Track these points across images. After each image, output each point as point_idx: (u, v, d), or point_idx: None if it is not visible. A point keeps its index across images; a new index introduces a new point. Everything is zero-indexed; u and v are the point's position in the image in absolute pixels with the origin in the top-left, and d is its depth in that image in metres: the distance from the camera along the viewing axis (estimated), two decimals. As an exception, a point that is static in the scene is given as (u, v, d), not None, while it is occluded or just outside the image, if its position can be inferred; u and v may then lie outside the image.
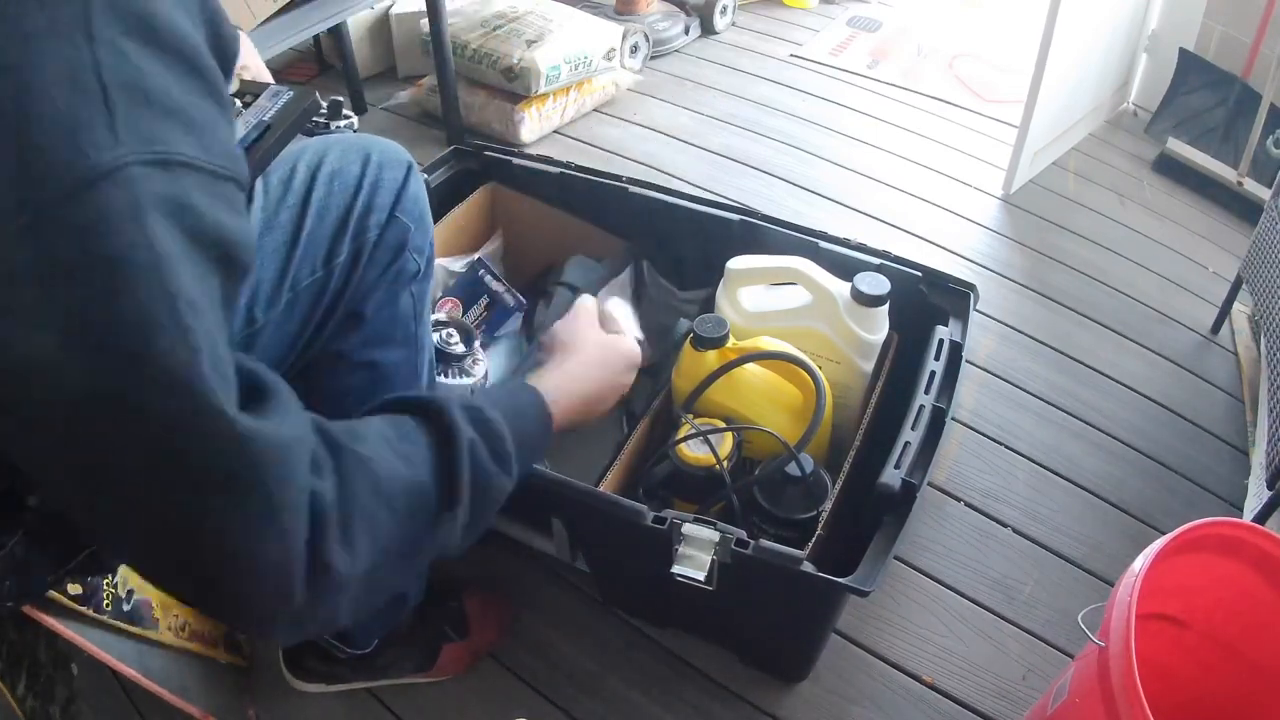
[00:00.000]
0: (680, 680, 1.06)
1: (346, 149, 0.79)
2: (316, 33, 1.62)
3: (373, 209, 0.78)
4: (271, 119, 0.74)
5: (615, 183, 1.26)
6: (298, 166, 0.76)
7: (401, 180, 0.80)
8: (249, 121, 0.73)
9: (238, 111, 0.75)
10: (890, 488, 0.85)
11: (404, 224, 0.80)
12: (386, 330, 0.82)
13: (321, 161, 0.77)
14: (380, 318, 0.81)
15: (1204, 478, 1.32)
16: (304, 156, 0.77)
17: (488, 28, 2.01)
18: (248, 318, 0.70)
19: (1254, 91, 1.85)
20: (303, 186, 0.75)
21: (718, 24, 2.54)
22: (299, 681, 1.02)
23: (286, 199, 0.74)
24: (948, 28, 2.66)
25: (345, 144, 0.80)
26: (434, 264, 0.87)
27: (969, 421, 1.38)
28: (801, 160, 1.99)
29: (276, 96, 0.76)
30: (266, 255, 0.72)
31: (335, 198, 0.76)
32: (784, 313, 1.10)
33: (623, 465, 1.02)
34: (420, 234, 0.82)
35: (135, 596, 0.85)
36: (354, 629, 0.98)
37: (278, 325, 0.73)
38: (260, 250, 0.71)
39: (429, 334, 0.88)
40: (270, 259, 0.72)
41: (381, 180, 0.79)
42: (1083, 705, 0.76)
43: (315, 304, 0.76)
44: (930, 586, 1.16)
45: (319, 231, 0.75)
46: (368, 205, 0.77)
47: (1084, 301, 1.62)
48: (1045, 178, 1.96)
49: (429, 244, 0.84)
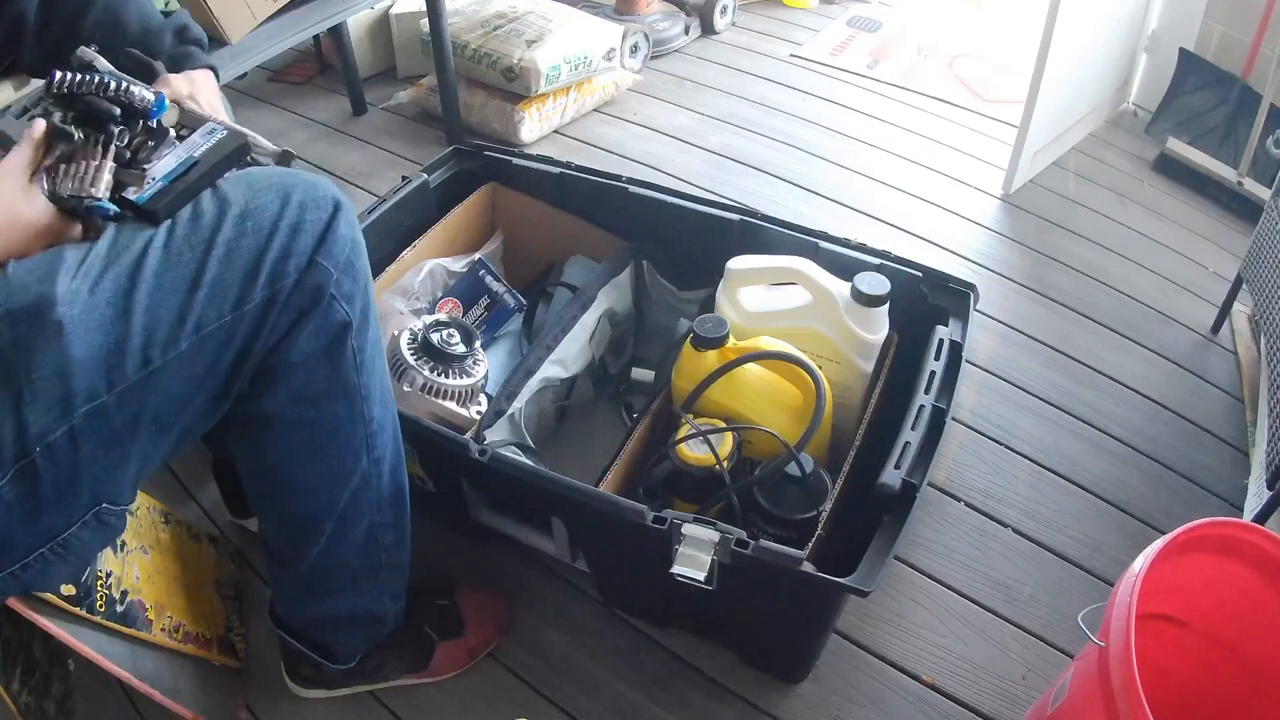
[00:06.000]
0: (680, 680, 1.06)
1: (263, 187, 0.74)
2: (316, 33, 1.62)
3: (291, 253, 0.72)
4: (200, 156, 0.74)
5: (615, 183, 1.26)
6: (204, 202, 0.72)
7: (326, 222, 0.75)
8: (179, 156, 0.74)
9: (171, 143, 0.75)
10: (890, 488, 0.85)
11: (325, 269, 0.74)
12: (319, 385, 0.78)
13: (231, 199, 0.72)
14: (309, 371, 0.77)
15: (1204, 478, 1.32)
16: (215, 192, 0.73)
17: (488, 28, 2.01)
18: (143, 358, 0.67)
19: (1254, 91, 1.85)
20: (210, 225, 0.70)
21: (718, 24, 2.54)
22: (299, 688, 1.02)
23: (192, 236, 0.70)
24: (948, 28, 2.66)
25: (264, 181, 0.74)
26: (373, 312, 0.81)
27: (969, 421, 1.38)
28: (801, 160, 1.99)
29: (210, 134, 0.76)
30: (164, 293, 0.67)
31: (247, 239, 0.71)
32: (784, 313, 1.10)
33: (623, 465, 1.02)
34: (350, 280, 0.76)
35: (129, 598, 0.85)
36: (334, 645, 0.98)
37: (179, 368, 0.69)
38: (158, 287, 0.67)
39: (379, 378, 0.83)
40: (168, 297, 0.68)
41: (303, 222, 0.73)
42: (1083, 705, 0.76)
43: (223, 350, 0.72)
44: (930, 586, 1.16)
45: (226, 274, 0.70)
46: (285, 249, 0.72)
47: (1084, 301, 1.62)
48: (1045, 178, 1.96)
49: (362, 291, 0.78)
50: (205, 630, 0.98)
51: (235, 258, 0.70)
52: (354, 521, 0.87)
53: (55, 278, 0.64)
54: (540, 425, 1.19)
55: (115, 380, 0.66)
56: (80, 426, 0.65)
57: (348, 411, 0.81)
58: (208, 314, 0.69)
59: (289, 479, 0.84)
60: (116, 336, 0.65)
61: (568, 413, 1.30)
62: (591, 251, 1.35)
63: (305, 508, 0.85)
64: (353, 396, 0.81)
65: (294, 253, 0.73)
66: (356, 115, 2.15)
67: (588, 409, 1.32)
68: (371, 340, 0.81)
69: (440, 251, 1.28)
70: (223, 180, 0.74)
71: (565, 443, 1.28)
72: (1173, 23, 2.03)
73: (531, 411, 1.15)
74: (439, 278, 1.26)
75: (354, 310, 0.77)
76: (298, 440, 0.81)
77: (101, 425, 0.66)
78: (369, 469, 0.85)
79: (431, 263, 1.25)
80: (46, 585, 0.74)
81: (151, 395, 0.68)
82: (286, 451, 0.82)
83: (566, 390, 1.24)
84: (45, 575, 0.70)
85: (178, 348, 0.68)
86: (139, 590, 0.87)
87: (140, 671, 0.85)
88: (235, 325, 0.71)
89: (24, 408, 0.62)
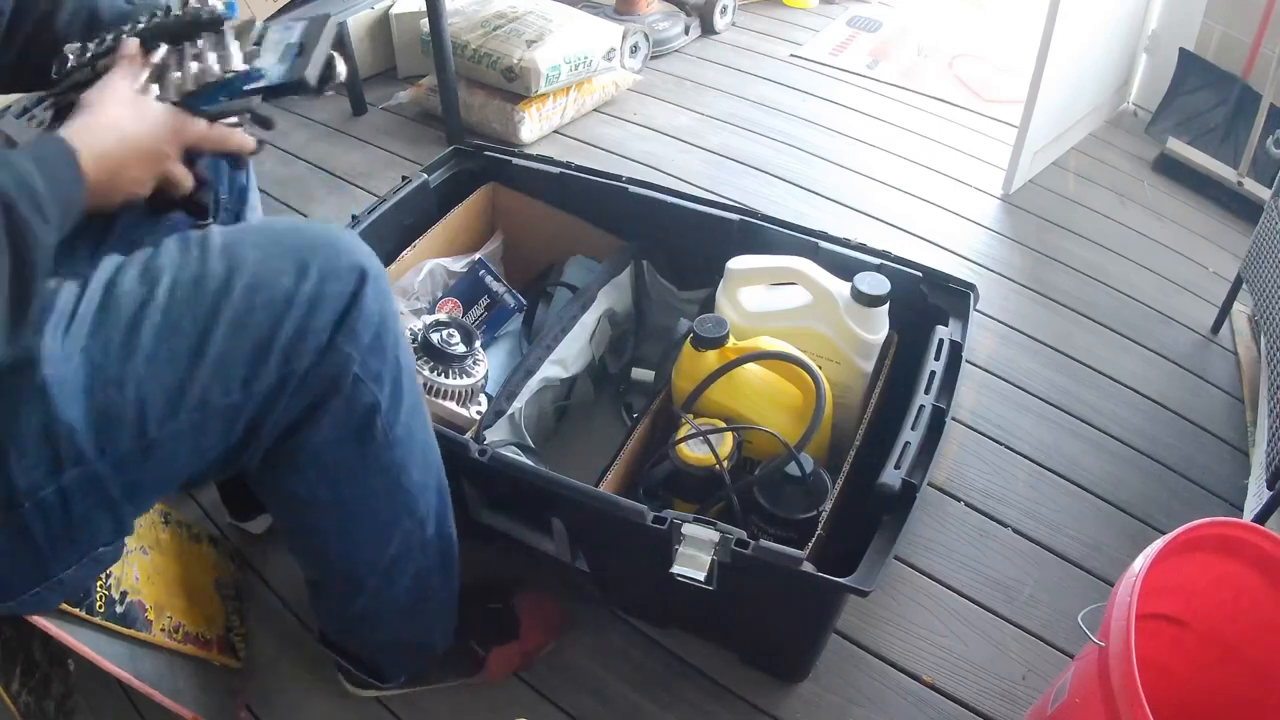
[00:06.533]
0: (680, 680, 1.06)
1: (279, 251, 0.65)
2: (316, 33, 1.62)
3: (307, 332, 0.64)
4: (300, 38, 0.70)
5: (615, 183, 1.26)
6: (211, 262, 0.63)
7: (349, 296, 0.66)
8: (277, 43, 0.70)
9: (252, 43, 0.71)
10: (890, 488, 0.84)
11: (346, 353, 0.67)
12: (349, 466, 0.73)
13: (242, 262, 0.64)
14: (335, 453, 0.71)
15: (1204, 478, 1.32)
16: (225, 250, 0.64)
17: (488, 28, 2.01)
18: (138, 429, 0.61)
19: (1254, 91, 1.85)
20: (216, 291, 0.63)
21: (718, 24, 2.54)
22: (353, 688, 1.02)
23: (194, 302, 0.62)
24: (948, 28, 2.66)
25: (281, 243, 0.66)
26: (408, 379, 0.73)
27: (969, 421, 1.38)
28: (801, 160, 1.99)
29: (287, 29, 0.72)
30: (160, 364, 0.61)
31: (256, 314, 0.63)
32: (784, 313, 1.10)
33: (623, 465, 1.02)
34: (377, 358, 0.69)
35: (128, 599, 0.85)
36: (383, 668, 0.98)
37: (179, 441, 0.63)
38: (154, 356, 0.61)
39: (419, 445, 0.77)
40: (164, 368, 0.61)
41: (322, 296, 0.65)
42: (1083, 705, 0.76)
43: (230, 426, 0.65)
44: (930, 586, 1.16)
45: (233, 351, 0.63)
46: (300, 328, 0.64)
47: (1084, 301, 1.62)
48: (1045, 178, 1.96)
49: (392, 366, 0.71)
50: (205, 630, 0.98)
51: (242, 333, 0.63)
52: (400, 573, 0.84)
53: (42, 330, 0.59)
54: (540, 425, 1.19)
55: (107, 449, 0.61)
56: (70, 488, 0.60)
57: (384, 486, 0.76)
58: (210, 390, 0.63)
59: (326, 548, 0.82)
60: (107, 404, 0.60)
61: (568, 413, 1.30)
62: (591, 251, 1.35)
63: (347, 569, 0.83)
64: (389, 472, 0.75)
65: (310, 331, 0.65)
66: (356, 115, 2.15)
67: (588, 409, 1.32)
68: (407, 410, 0.74)
69: (440, 251, 1.28)
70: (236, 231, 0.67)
71: (565, 443, 1.28)
72: (1173, 23, 2.03)
73: (531, 411, 1.15)
74: (439, 278, 1.26)
75: (383, 390, 0.70)
76: (331, 517, 0.77)
77: (94, 489, 0.62)
78: (411, 528, 0.82)
79: (431, 263, 1.25)
80: (44, 611, 0.72)
81: (150, 464, 0.63)
82: (321, 527, 0.79)
83: (566, 390, 1.24)
84: (42, 604, 0.69)
85: (176, 422, 0.62)
86: (139, 591, 0.87)
87: (140, 672, 0.85)
88: (243, 404, 0.65)
89: (9, 461, 0.58)
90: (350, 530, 0.79)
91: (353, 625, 0.93)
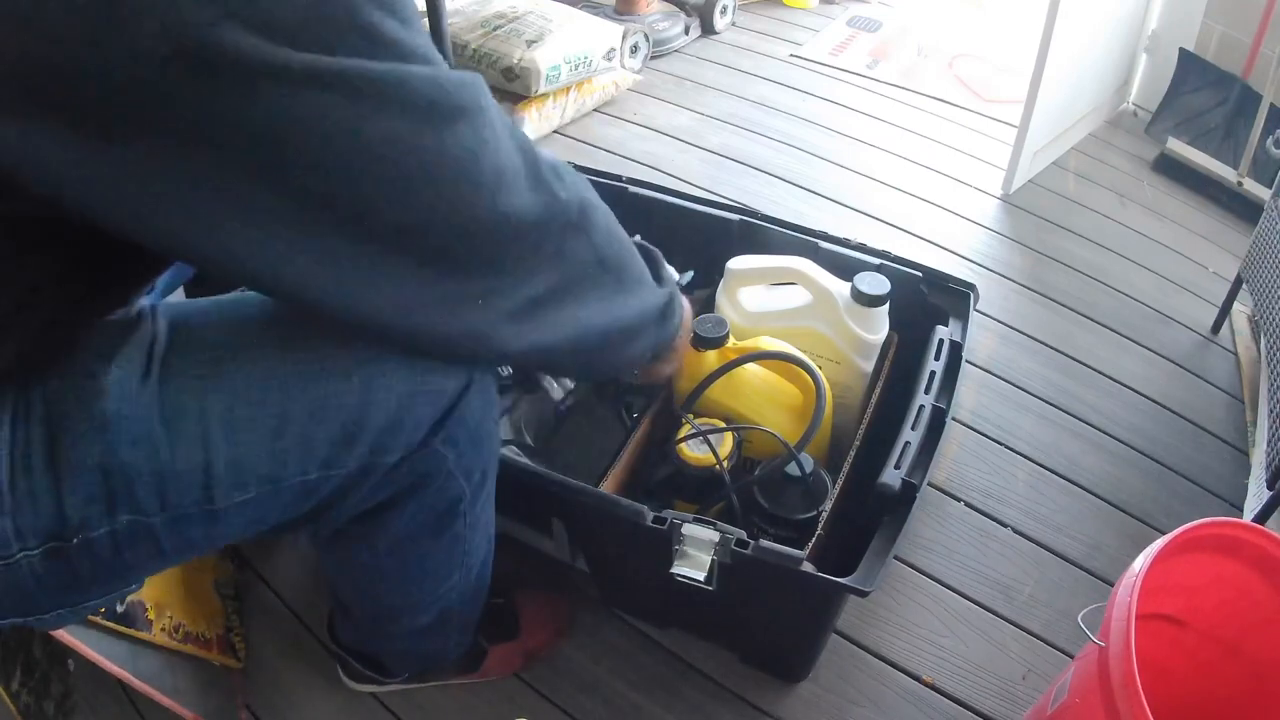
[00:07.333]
0: (680, 680, 1.06)
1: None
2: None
3: (400, 427, 0.59)
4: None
5: (615, 182, 1.26)
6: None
7: (452, 397, 0.61)
8: None
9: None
10: (890, 488, 0.84)
11: (440, 455, 0.63)
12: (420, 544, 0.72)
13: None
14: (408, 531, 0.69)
15: (1204, 478, 1.32)
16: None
17: (488, 28, 2.01)
18: (204, 495, 0.57)
19: (1254, 91, 1.85)
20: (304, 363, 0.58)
21: (718, 24, 2.54)
22: (351, 682, 1.03)
23: (276, 369, 0.57)
24: (948, 28, 2.66)
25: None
26: (493, 464, 0.71)
27: (969, 421, 1.38)
28: (801, 160, 1.99)
29: None
30: (236, 431, 0.56)
31: (349, 397, 0.58)
32: (784, 313, 1.10)
33: (623, 465, 1.02)
34: (473, 454, 0.65)
35: (129, 598, 0.85)
36: (390, 666, 0.98)
37: (243, 512, 0.60)
38: (230, 424, 0.56)
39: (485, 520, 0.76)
40: (241, 437, 0.57)
41: (422, 392, 0.59)
42: (1083, 705, 0.76)
43: (300, 501, 0.62)
44: (930, 586, 1.16)
45: (315, 432, 0.58)
46: (394, 421, 0.59)
47: (1084, 301, 1.62)
48: (1045, 178, 1.96)
49: (484, 459, 0.68)
50: (205, 630, 0.98)
51: (324, 416, 0.58)
52: (435, 608, 0.86)
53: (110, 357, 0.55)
54: (540, 425, 1.19)
55: (168, 506, 0.57)
56: (123, 535, 0.57)
57: (450, 556, 0.76)
58: (287, 467, 0.58)
59: (378, 599, 0.83)
60: (170, 461, 0.56)
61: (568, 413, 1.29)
62: (591, 251, 1.35)
63: (389, 610, 0.85)
64: (458, 543, 0.75)
65: (404, 428, 0.60)
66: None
67: (588, 409, 1.32)
68: (487, 494, 0.72)
69: (440, 251, 1.28)
70: None
71: (565, 443, 1.27)
72: (1173, 23, 2.03)
73: (531, 412, 1.15)
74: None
75: (471, 482, 0.67)
76: (393, 580, 0.77)
77: (148, 540, 0.58)
78: (461, 578, 0.83)
79: (431, 263, 1.25)
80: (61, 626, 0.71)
81: (210, 530, 0.60)
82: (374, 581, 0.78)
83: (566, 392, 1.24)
84: (62, 622, 0.67)
85: (245, 493, 0.58)
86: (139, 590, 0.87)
87: (140, 671, 0.85)
88: (320, 484, 0.60)
89: (64, 491, 0.54)
90: (407, 588, 0.80)
91: (373, 639, 0.94)
